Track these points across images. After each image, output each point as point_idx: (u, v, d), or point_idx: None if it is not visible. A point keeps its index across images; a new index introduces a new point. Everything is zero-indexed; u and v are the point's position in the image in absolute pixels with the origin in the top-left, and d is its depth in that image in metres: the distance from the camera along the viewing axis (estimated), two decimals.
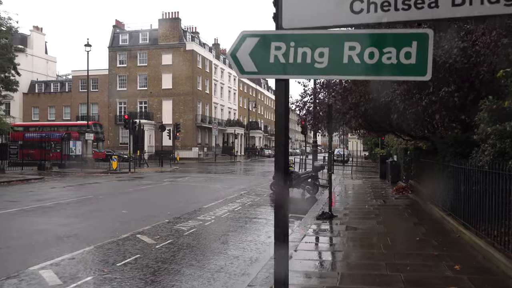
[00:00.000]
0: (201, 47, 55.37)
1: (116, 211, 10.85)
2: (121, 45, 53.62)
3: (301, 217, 10.62)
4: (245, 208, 11.99)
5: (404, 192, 14.62)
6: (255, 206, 12.45)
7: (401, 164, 17.95)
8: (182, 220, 9.71)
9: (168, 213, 10.57)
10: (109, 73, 53.24)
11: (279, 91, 3.00)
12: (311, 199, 14.54)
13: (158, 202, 12.95)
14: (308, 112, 14.12)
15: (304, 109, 14.12)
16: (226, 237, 8.27)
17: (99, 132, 43.44)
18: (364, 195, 14.86)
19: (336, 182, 20.46)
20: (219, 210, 11.27)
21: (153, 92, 51.51)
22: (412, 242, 7.25)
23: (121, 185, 17.90)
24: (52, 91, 57.41)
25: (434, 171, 10.36)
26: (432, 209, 10.20)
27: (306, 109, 14.09)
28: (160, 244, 7.33)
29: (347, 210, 11.07)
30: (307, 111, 14.11)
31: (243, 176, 25.62)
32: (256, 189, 16.96)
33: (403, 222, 9.25)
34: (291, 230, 8.77)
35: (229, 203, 12.71)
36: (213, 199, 13.39)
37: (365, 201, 12.97)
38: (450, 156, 8.73)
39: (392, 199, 13.29)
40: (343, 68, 2.87)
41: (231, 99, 66.37)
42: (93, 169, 27.08)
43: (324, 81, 12.90)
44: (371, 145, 46.18)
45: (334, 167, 34.40)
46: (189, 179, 21.35)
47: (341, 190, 16.89)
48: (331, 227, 8.87)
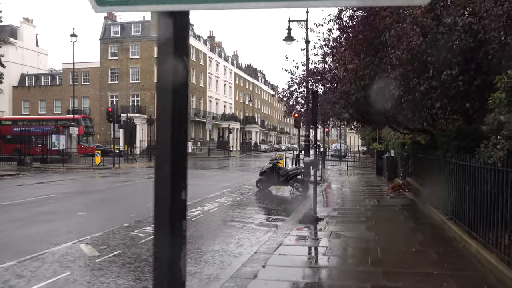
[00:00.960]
0: (195, 39, 53.92)
1: (72, 213, 9.60)
2: (112, 37, 52.17)
3: (284, 219, 9.42)
4: (223, 209, 10.76)
5: (400, 191, 13.40)
6: (235, 206, 11.22)
7: (398, 159, 16.72)
8: (144, 225, 8.47)
9: (131, 216, 9.33)
10: (101, 66, 51.82)
11: (163, 30, 1.51)
12: (300, 198, 13.33)
13: (126, 202, 11.69)
14: (296, 102, 12.84)
15: (292, 99, 12.84)
16: (189, 246, 7.03)
17: (89, 126, 42.23)
18: (357, 194, 13.64)
19: (330, 178, 19.27)
20: (192, 212, 10.03)
21: (145, 85, 50.10)
22: (407, 255, 6.01)
23: (95, 182, 16.65)
24: (43, 84, 56.02)
25: (434, 168, 9.13)
26: (431, 211, 8.97)
27: (294, 99, 12.81)
28: (102, 257, 6.08)
29: (336, 212, 9.85)
30: (295, 101, 12.83)
31: (232, 172, 24.39)
32: (241, 187, 15.73)
33: (398, 227, 8.02)
34: (267, 237, 7.55)
35: (206, 203, 11.47)
36: (190, 199, 12.13)
37: (358, 201, 11.75)
38: (453, 151, 7.49)
39: (387, 199, 12.08)
40: None
41: (226, 93, 65.02)
42: (76, 165, 25.82)
43: (313, 68, 11.63)
44: (369, 139, 44.92)
45: (330, 162, 33.36)
46: None
47: (333, 188, 15.66)
48: (313, 233, 7.65)
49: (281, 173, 14.80)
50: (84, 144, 40.22)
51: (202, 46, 55.31)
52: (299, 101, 12.69)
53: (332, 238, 7.12)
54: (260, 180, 15.08)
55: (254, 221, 9.26)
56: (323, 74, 11.12)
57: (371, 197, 12.25)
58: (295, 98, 12.72)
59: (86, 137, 42.31)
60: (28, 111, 54.21)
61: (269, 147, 67.36)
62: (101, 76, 51.78)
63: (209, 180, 18.06)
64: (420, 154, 11.50)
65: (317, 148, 8.65)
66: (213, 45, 61.94)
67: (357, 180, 18.51)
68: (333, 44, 10.43)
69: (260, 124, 77.98)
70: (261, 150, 62.74)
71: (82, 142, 39.59)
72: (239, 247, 6.97)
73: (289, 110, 13.29)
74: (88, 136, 42.67)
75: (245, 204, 11.74)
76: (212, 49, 60.51)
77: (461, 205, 6.88)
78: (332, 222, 8.58)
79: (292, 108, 13.08)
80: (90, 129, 42.22)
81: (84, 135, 41.29)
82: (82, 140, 40.54)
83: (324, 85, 11.18)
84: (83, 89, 53.15)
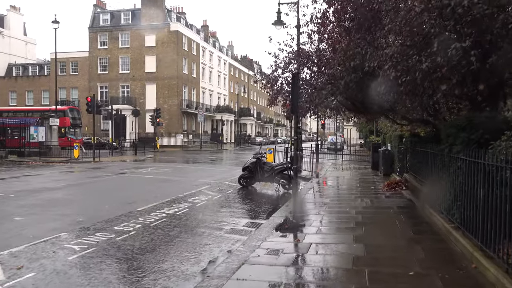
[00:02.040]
0: (188, 28, 52.21)
1: (6, 218, 8.15)
2: (102, 25, 50.39)
3: (260, 224, 8.04)
4: (193, 211, 9.35)
5: (397, 188, 12.01)
6: (208, 208, 9.82)
7: (395, 154, 15.33)
8: (88, 233, 7.06)
9: (78, 221, 7.93)
10: (90, 56, 50.12)
11: None
12: (286, 196, 11.95)
13: (82, 204, 10.19)
14: (281, 89, 11.37)
15: (276, 85, 11.36)
16: (131, 263, 5.62)
17: (76, 117, 40.69)
18: (349, 192, 12.26)
19: (322, 174, 17.88)
20: (154, 215, 8.62)
21: (136, 75, 48.49)
22: (403, 281, 4.61)
23: (61, 178, 15.14)
24: (31, 75, 54.29)
25: (436, 164, 7.72)
26: (433, 215, 7.58)
27: (278, 86, 11.33)
28: (5, 284, 4.67)
29: (322, 215, 8.45)
30: (280, 88, 11.35)
31: (220, 166, 22.98)
32: (223, 183, 14.33)
33: (393, 238, 6.61)
34: (233, 248, 6.15)
35: (176, 204, 10.06)
36: (160, 198, 10.75)
37: (349, 201, 10.36)
38: (461, 145, 6.08)
39: (382, 198, 10.69)
40: None
41: (221, 84, 63.35)
42: (54, 158, 24.35)
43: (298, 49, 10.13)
44: (366, 132, 43.57)
45: (326, 156, 31.94)
46: (152, 170, 18.67)
47: (323, 185, 14.27)
48: (289, 246, 6.24)
49: (266, 168, 13.40)
50: (71, 136, 38.71)
51: (195, 36, 53.56)
52: (283, 88, 11.22)
53: (310, 254, 5.72)
54: (242, 176, 13.69)
55: (225, 227, 7.86)
56: (310, 56, 9.65)
57: (364, 196, 10.87)
58: (279, 85, 11.24)
59: (74, 129, 40.80)
60: (16, 102, 52.56)
61: (264, 139, 65.77)
62: (90, 66, 50.12)
63: (190, 175, 16.65)
64: (420, 148, 10.11)
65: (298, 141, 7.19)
66: (206, 35, 60.19)
67: (351, 175, 17.13)
68: (320, 20, 8.97)
69: (256, 117, 76.43)
70: (256, 143, 61.12)
71: (69, 134, 38.09)
72: (195, 265, 5.58)
73: (273, 97, 11.82)
74: (76, 128, 41.14)
75: (221, 204, 10.34)
76: (206, 39, 58.77)
77: (472, 213, 5.49)
78: (314, 229, 7.18)
79: (276, 96, 11.60)
80: (77, 121, 40.69)
81: (71, 127, 39.78)
82: (69, 132, 39.04)
83: (310, 68, 9.72)
84: (71, 79, 51.53)
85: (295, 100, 7.18)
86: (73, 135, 39.81)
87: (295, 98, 7.17)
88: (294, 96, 7.17)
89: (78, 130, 41.72)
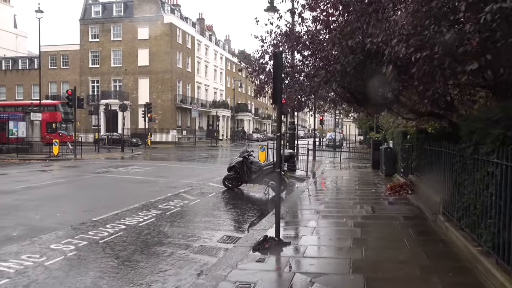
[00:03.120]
0: (182, 21, 50.52)
1: None
2: (93, 17, 48.72)
3: (238, 239, 6.58)
4: (161, 220, 7.86)
5: (401, 192, 10.54)
6: (179, 217, 8.32)
7: (398, 152, 13.84)
8: (4, 258, 5.56)
9: (13, 235, 6.44)
10: (81, 49, 48.44)
11: None
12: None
13: (28, 212, 8.37)
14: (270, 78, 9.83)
15: (264, 74, 9.83)
16: None
17: (68, 112, 39.11)
18: (347, 195, 10.78)
19: (319, 173, 16.40)
20: (110, 228, 7.13)
21: (128, 69, 46.87)
22: None
23: (24, 179, 13.36)
24: (20, 68, 52.63)
25: (454, 167, 6.23)
26: (450, 232, 6.10)
27: (266, 74, 9.80)
28: None
29: (313, 228, 6.97)
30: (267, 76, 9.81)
31: (209, 164, 21.47)
32: (207, 184, 12.86)
33: (401, 265, 5.11)
34: (192, 279, 4.68)
35: (143, 211, 8.57)
36: (127, 203, 9.26)
37: (346, 208, 8.86)
38: (492, 145, 4.59)
39: (385, 204, 9.21)
40: None
41: (217, 79, 61.72)
42: (34, 155, 22.83)
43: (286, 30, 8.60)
44: (365, 128, 42.03)
45: (324, 153, 30.41)
46: (133, 169, 17.16)
47: (318, 187, 12.79)
48: (266, 277, 4.75)
49: (254, 168, 11.93)
50: (63, 132, 37.18)
51: (190, 29, 51.89)
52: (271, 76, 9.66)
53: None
54: (228, 177, 12.21)
55: (194, 244, 6.38)
56: (300, 38, 8.12)
57: (364, 202, 9.38)
58: (267, 72, 9.70)
59: (66, 124, 39.26)
60: (5, 97, 50.98)
61: (262, 136, 64.16)
62: (81, 60, 48.46)
63: (173, 175, 15.15)
64: (429, 146, 8.63)
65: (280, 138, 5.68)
66: (202, 28, 58.48)
67: (350, 175, 15.65)
68: None
69: (253, 113, 74.85)
70: (253, 139, 59.56)
71: (60, 130, 36.57)
72: None
73: (259, 88, 10.30)
74: (68, 123, 39.58)
75: (197, 212, 8.85)
76: (201, 32, 57.09)
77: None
78: (302, 250, 5.70)
79: (263, 86, 10.07)
80: (69, 116, 39.08)
81: (62, 122, 38.24)
82: (61, 128, 37.52)
83: (301, 52, 8.20)
84: (62, 73, 49.94)
85: (278, 85, 5.67)
86: (64, 131, 38.29)
87: (278, 83, 5.67)
88: (277, 81, 5.66)
89: (71, 125, 40.14)
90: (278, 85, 5.72)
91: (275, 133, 5.51)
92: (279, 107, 5.98)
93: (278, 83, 5.72)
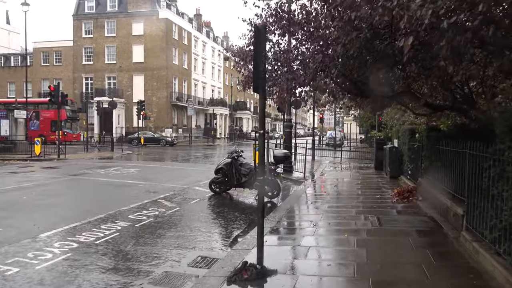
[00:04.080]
0: (179, 16, 49.11)
1: None
2: (87, 13, 47.32)
3: (215, 261, 5.28)
4: (124, 237, 6.54)
5: (410, 198, 9.23)
6: (148, 231, 6.99)
7: (405, 152, 12.53)
8: None
9: None
10: (74, 45, 47.08)
11: None
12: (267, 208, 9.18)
13: None
14: None
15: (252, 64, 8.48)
16: None
17: (74, 110, 37.58)
18: (349, 202, 9.43)
19: (317, 175, 15.11)
20: (57, 247, 5.81)
21: (122, 66, 45.51)
22: None
23: None
24: (13, 65, 51.29)
25: (485, 174, 4.92)
26: (481, 256, 4.78)
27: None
28: None
29: (307, 249, 5.65)
30: None
31: (201, 164, 20.14)
32: (192, 189, 11.56)
33: None
34: None
35: (107, 224, 7.24)
36: (92, 213, 7.93)
37: (348, 218, 7.53)
38: None
39: (393, 214, 7.88)
40: None
41: (215, 76, 60.31)
42: (15, 154, 21.48)
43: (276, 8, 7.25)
44: (367, 127, 40.71)
45: (324, 152, 29.06)
46: (115, 170, 15.79)
47: (316, 192, 11.48)
48: None
49: (243, 171, 10.63)
50: (68, 130, 35.78)
51: (187, 25, 50.49)
52: None
53: None
54: (215, 180, 10.90)
55: (156, 270, 5.07)
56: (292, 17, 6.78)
57: (368, 211, 8.06)
58: None
59: (70, 122, 37.88)
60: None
61: None
62: (74, 56, 47.11)
63: (157, 178, 13.82)
64: (443, 146, 7.32)
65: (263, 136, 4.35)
66: (200, 24, 57.05)
67: (352, 177, 14.32)
68: None
69: (252, 111, 73.39)
70: (252, 138, 58.11)
71: (65, 128, 35.13)
72: None
73: (247, 79, 8.97)
74: (73, 121, 38.13)
75: (172, 224, 7.52)
76: (199, 29, 55.67)
77: None
78: (290, 283, 4.38)
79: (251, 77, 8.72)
80: (74, 114, 37.52)
81: (67, 120, 36.76)
82: (66, 126, 36.01)
83: (294, 35, 6.87)
84: (55, 70, 48.59)
85: (259, 67, 4.36)
86: (69, 129, 36.86)
87: (260, 64, 4.35)
88: (258, 62, 4.35)
89: (76, 124, 38.71)
90: (259, 67, 4.40)
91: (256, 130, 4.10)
92: (262, 97, 4.66)
93: (260, 65, 4.40)
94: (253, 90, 4.56)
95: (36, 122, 37.05)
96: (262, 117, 4.72)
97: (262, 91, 4.55)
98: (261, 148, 4.59)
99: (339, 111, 43.06)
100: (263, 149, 4.61)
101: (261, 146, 4.60)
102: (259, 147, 4.61)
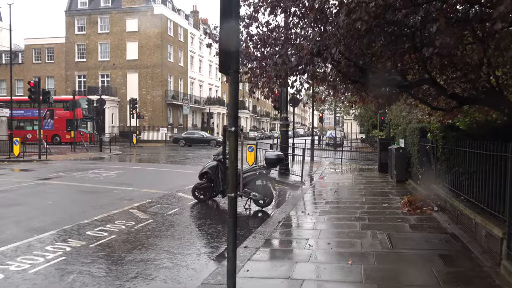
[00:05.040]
0: (174, 12, 47.76)
1: None
2: (79, 8, 45.97)
3: None
4: (71, 263, 5.19)
5: (424, 208, 7.89)
6: (106, 253, 5.63)
7: (414, 153, 11.19)
8: None
9: None
10: (66, 42, 45.72)
11: None
12: (257, 219, 7.90)
13: None
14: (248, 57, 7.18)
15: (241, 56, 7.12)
16: None
17: (90, 109, 35.51)
18: (351, 213, 8.03)
19: (316, 178, 13.78)
20: None
21: (116, 63, 44.15)
22: None
23: None
24: (3, 63, 49.85)
25: None
26: None
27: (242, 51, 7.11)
28: None
29: (301, 281, 4.30)
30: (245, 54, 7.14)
31: (190, 165, 18.75)
32: (173, 195, 10.23)
33: None
34: None
35: (55, 244, 5.89)
36: (38, 229, 6.58)
37: (351, 236, 6.18)
38: None
39: (407, 230, 6.53)
40: None
41: (212, 74, 58.91)
42: None
43: None
44: (368, 126, 39.34)
45: (324, 153, 27.73)
46: (93, 173, 14.40)
47: (314, 199, 10.12)
48: None
49: None
50: (83, 130, 34.27)
51: (183, 21, 49.12)
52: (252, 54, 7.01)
53: None
54: (199, 186, 9.58)
55: None
56: None
57: (375, 225, 6.72)
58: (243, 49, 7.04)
59: (86, 122, 36.35)
60: None
61: (259, 134, 61.52)
62: (67, 54, 45.74)
63: (139, 181, 12.47)
64: (469, 148, 5.99)
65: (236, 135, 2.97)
66: (196, 21, 55.72)
67: (354, 181, 12.97)
68: None
69: (251, 110, 72.02)
70: (250, 137, 56.81)
71: (81, 128, 33.63)
72: None
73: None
74: (88, 120, 36.48)
75: (137, 242, 6.16)
76: (195, 26, 54.33)
77: None
78: None
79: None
80: (91, 113, 35.59)
81: (83, 120, 35.19)
82: (81, 126, 34.48)
83: (286, 11, 5.52)
84: (47, 67, 47.16)
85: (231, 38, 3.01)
86: (85, 129, 35.35)
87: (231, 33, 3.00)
88: (228, 30, 3.00)
89: (92, 123, 37.12)
90: (231, 37, 3.05)
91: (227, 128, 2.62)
92: (234, 81, 3.31)
93: (231, 34, 3.05)
94: (220, 70, 3.21)
95: (51, 122, 35.49)
96: (234, 109, 3.36)
97: (234, 71, 3.19)
98: (232, 151, 3.24)
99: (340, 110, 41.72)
100: (235, 153, 3.25)
101: (233, 148, 3.25)
102: (229, 149, 3.25)
